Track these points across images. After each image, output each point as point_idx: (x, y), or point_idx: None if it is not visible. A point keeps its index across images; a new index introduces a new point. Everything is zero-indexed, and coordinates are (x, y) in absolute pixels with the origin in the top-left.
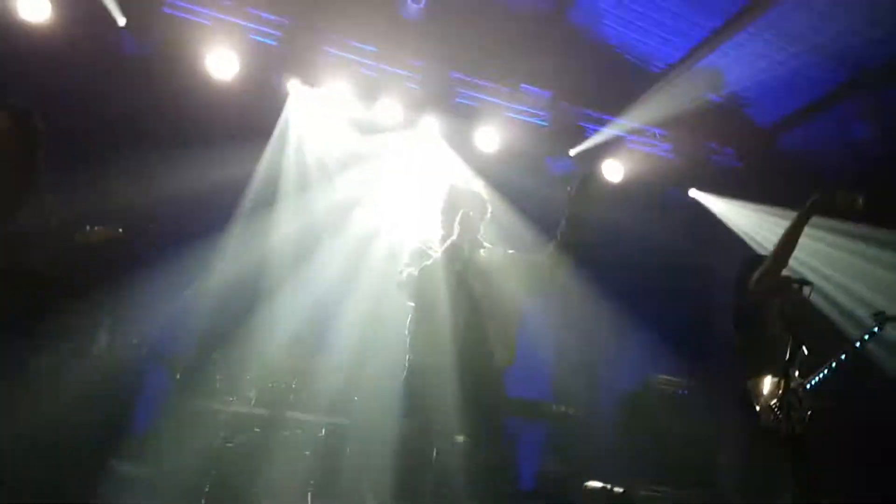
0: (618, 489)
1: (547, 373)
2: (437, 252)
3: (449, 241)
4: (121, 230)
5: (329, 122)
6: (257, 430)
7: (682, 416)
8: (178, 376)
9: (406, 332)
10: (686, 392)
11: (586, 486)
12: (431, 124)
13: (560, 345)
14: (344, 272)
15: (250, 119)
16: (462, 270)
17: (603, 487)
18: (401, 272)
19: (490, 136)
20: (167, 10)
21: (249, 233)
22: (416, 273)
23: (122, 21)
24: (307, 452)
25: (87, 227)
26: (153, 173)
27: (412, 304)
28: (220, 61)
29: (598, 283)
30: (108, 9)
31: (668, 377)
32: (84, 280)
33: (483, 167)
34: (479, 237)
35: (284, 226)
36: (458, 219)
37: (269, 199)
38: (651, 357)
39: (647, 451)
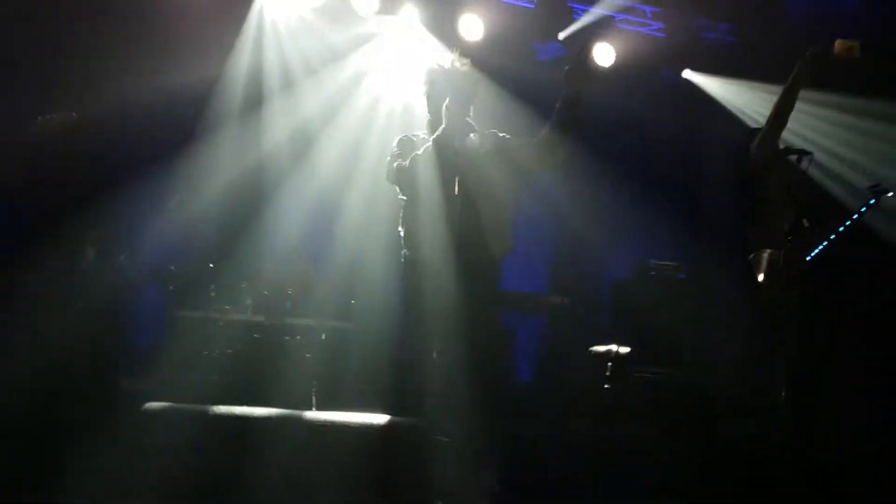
0: (623, 349)
1: (544, 264)
2: (427, 140)
3: (438, 131)
4: (74, 114)
5: (305, 17)
6: (256, 336)
7: (679, 300)
8: (171, 288)
9: (399, 227)
10: (684, 276)
11: (591, 351)
12: (412, 12)
13: (555, 235)
14: (338, 172)
15: (221, 15)
16: (453, 160)
17: (608, 350)
18: (390, 163)
19: (474, 23)
20: None
21: (238, 136)
22: (406, 164)
23: None
24: (308, 356)
25: (39, 118)
26: (120, 78)
27: (404, 198)
28: None
29: (592, 169)
30: None
31: (664, 262)
32: (61, 192)
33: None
34: (468, 121)
35: (274, 127)
36: (444, 105)
37: (254, 100)
38: (647, 242)
39: (644, 337)
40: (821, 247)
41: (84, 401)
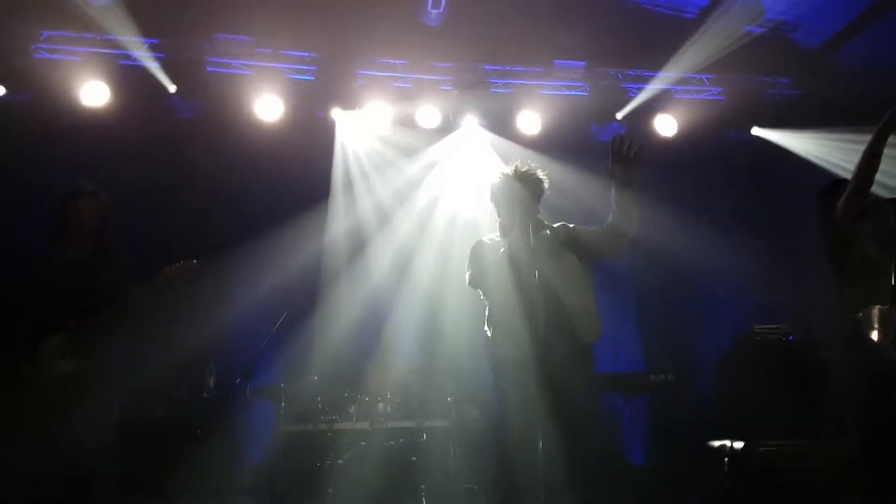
0: (738, 444)
1: (637, 344)
2: (499, 242)
3: (513, 235)
4: (195, 261)
5: (374, 137)
6: (363, 444)
7: (789, 365)
8: (283, 405)
9: (486, 330)
10: (793, 337)
11: (707, 445)
12: (472, 121)
13: (644, 313)
14: (434, 270)
15: (302, 153)
16: (529, 260)
17: (722, 445)
18: (468, 269)
19: (531, 118)
20: (211, 69)
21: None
22: (485, 269)
23: (172, 88)
24: (414, 458)
25: (166, 268)
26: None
27: (486, 301)
28: (266, 105)
29: (676, 244)
30: (158, 80)
31: (768, 326)
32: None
33: (530, 150)
34: (539, 218)
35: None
36: (512, 209)
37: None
38: (744, 309)
39: (756, 407)
40: None
41: None
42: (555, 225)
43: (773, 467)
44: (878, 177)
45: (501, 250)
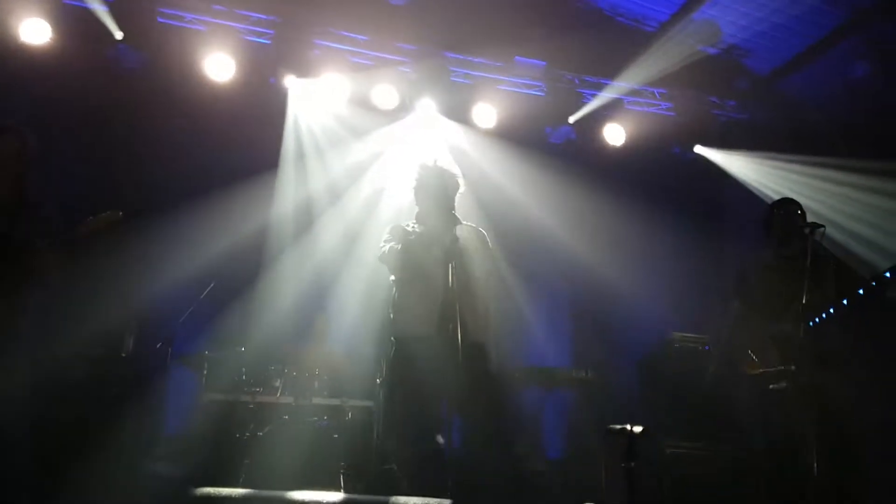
0: (637, 428)
1: (568, 340)
2: (416, 230)
3: (427, 225)
4: (120, 213)
5: (328, 111)
6: (286, 417)
7: (704, 373)
8: (204, 373)
9: (389, 308)
10: (708, 347)
11: (608, 429)
12: (428, 105)
13: (577, 311)
14: (344, 258)
15: (251, 118)
16: (441, 250)
17: (623, 428)
18: (382, 247)
19: (488, 112)
20: (162, 20)
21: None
22: (397, 247)
23: (118, 35)
24: (336, 436)
25: (88, 219)
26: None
27: (393, 278)
28: (217, 65)
29: (611, 247)
30: (105, 25)
31: (688, 334)
32: (103, 284)
33: (483, 142)
34: (453, 214)
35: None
36: (432, 199)
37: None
38: (668, 316)
39: (670, 410)
40: (830, 314)
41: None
42: (468, 224)
43: (679, 469)
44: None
45: (413, 238)
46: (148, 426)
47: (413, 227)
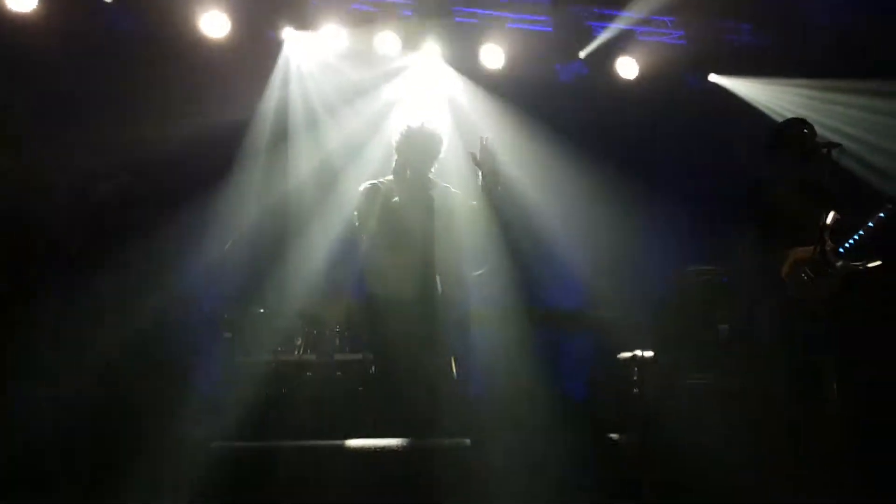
0: (648, 353)
1: (583, 281)
2: (392, 187)
3: (405, 184)
4: (128, 177)
5: (329, 62)
6: (309, 374)
7: (722, 305)
8: (227, 335)
9: (363, 264)
10: (726, 279)
11: (617, 358)
12: (433, 49)
13: (591, 252)
14: None
15: (248, 72)
16: (419, 218)
17: (633, 355)
18: (356, 213)
19: (495, 52)
20: None
21: (265, 177)
22: (374, 207)
23: None
24: (360, 388)
25: (100, 184)
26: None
27: (366, 237)
28: (212, 21)
29: (624, 182)
30: None
31: (703, 267)
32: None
33: (492, 83)
34: (430, 176)
35: (300, 166)
36: (412, 159)
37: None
38: (685, 249)
39: (689, 344)
40: (857, 237)
41: (144, 445)
42: (445, 185)
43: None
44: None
45: (394, 199)
46: (182, 388)
47: (388, 183)
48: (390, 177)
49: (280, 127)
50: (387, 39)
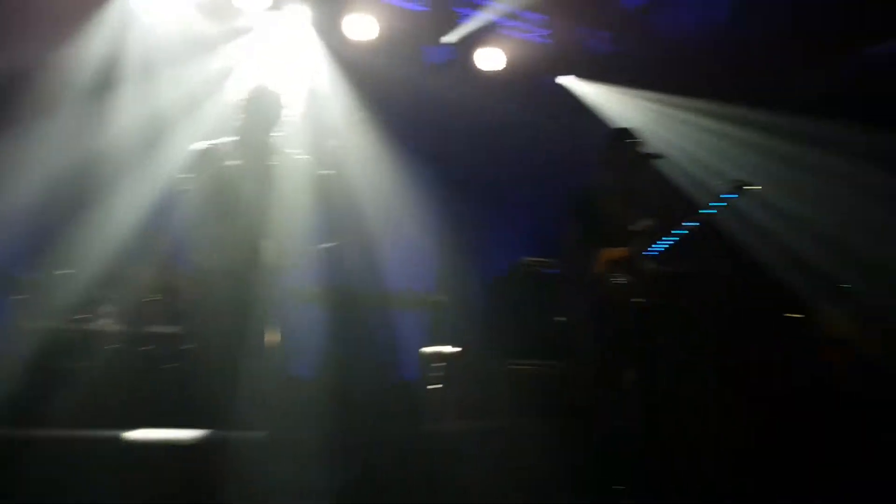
0: (453, 349)
1: (428, 265)
2: (231, 148)
3: (243, 149)
4: None
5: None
6: (113, 346)
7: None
8: (22, 298)
9: (190, 233)
10: (556, 271)
11: (420, 352)
12: (299, 10)
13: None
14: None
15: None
16: (254, 187)
17: (436, 351)
18: (185, 176)
19: (363, 24)
20: None
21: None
22: (205, 170)
23: None
24: (176, 365)
25: None
26: None
27: (192, 201)
28: None
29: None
30: None
31: (537, 258)
32: None
33: (355, 57)
34: (272, 142)
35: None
36: (254, 121)
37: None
38: (525, 242)
39: (516, 331)
40: (667, 243)
41: None
42: (292, 151)
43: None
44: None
45: (230, 162)
46: None
47: (226, 145)
48: (227, 139)
49: (107, 72)
50: None
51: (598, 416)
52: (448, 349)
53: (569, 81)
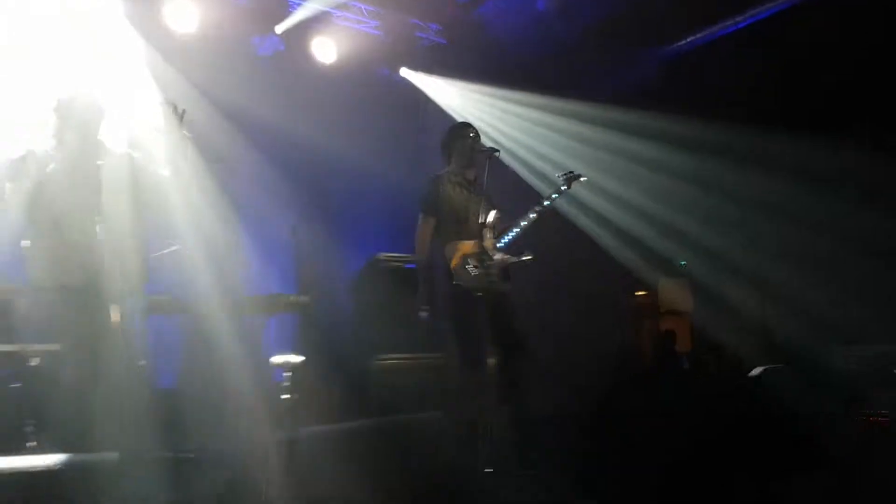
0: (298, 358)
1: (288, 265)
2: (53, 155)
3: (69, 163)
4: None
5: None
6: None
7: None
8: None
9: (23, 250)
10: (413, 265)
11: (269, 362)
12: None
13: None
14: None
15: None
16: (85, 194)
17: (285, 361)
18: (5, 184)
19: (186, 14)
20: None
21: None
22: (29, 185)
23: None
24: (17, 385)
25: None
26: None
27: (27, 219)
28: None
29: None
30: None
31: (394, 254)
32: None
33: (180, 50)
34: (99, 143)
35: None
36: (77, 124)
37: None
38: (380, 237)
39: (380, 326)
40: (513, 233)
41: None
42: (126, 152)
43: (386, 381)
44: None
45: (50, 168)
46: None
47: (44, 151)
48: (46, 144)
49: None
50: None
51: (465, 402)
52: (295, 357)
53: (406, 74)
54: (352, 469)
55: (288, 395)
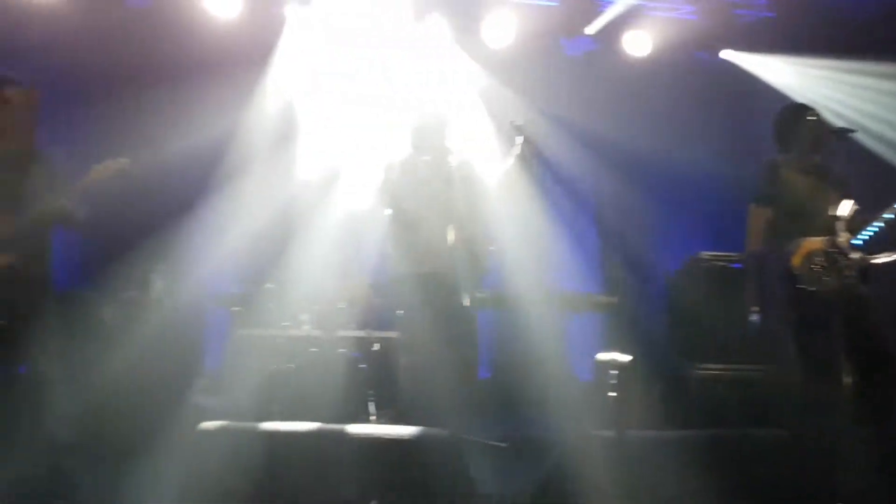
0: (625, 357)
1: (595, 262)
2: (414, 163)
3: (425, 159)
4: (125, 160)
5: (332, 39)
6: (314, 349)
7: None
8: (234, 310)
9: (385, 240)
10: (739, 265)
11: (595, 359)
12: (439, 23)
13: (605, 236)
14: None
15: (255, 52)
16: (440, 187)
17: (612, 358)
18: (379, 189)
19: (499, 28)
20: None
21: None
22: (395, 182)
23: None
24: (363, 366)
25: (93, 167)
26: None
27: (389, 212)
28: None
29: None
30: None
31: (716, 253)
32: (125, 230)
33: (497, 61)
34: (444, 150)
35: (309, 154)
36: (427, 134)
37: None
38: (699, 236)
39: (697, 331)
40: (874, 228)
41: (155, 419)
42: (461, 157)
43: (708, 391)
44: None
45: (414, 174)
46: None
47: (408, 158)
48: (407, 154)
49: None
50: (392, 6)
51: (807, 427)
52: (622, 357)
53: (728, 55)
54: (685, 479)
55: (614, 394)
